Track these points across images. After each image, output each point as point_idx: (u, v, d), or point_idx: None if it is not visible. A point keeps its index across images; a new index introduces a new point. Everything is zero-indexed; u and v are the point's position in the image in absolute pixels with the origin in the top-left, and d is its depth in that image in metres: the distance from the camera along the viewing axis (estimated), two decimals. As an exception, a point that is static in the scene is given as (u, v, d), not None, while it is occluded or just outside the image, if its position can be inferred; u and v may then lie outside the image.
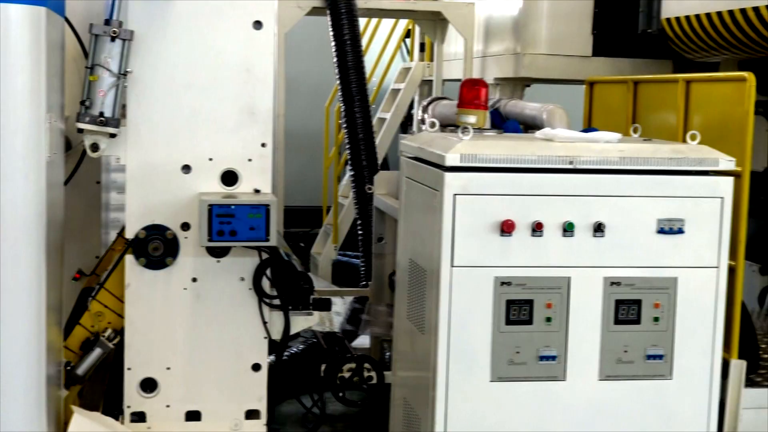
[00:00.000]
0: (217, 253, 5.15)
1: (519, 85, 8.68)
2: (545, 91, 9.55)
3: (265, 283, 5.20)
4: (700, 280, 4.67)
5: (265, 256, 5.16)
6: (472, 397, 4.56)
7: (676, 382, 4.69)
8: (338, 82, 8.38)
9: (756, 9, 6.15)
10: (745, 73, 5.17)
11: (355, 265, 9.09)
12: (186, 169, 5.10)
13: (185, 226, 5.13)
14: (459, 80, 8.20)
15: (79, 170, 5.62)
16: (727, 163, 4.69)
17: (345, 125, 8.36)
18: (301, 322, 5.34)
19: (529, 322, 4.56)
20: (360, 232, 8.30)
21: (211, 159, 5.12)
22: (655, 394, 4.69)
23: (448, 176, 4.46)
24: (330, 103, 11.46)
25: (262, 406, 5.31)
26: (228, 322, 5.22)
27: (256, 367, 5.28)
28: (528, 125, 6.55)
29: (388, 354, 6.88)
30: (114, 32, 4.84)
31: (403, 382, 5.33)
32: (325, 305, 5.43)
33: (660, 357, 4.66)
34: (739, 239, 5.03)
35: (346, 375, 6.34)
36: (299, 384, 6.42)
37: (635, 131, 5.38)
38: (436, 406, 4.54)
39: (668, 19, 7.26)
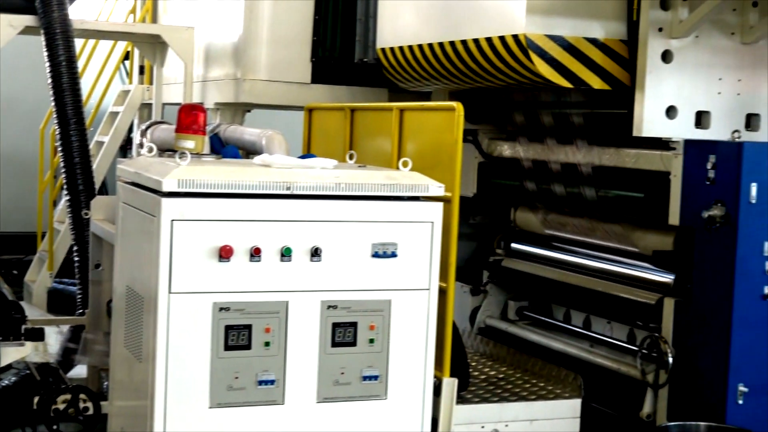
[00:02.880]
0: None
1: (239, 110, 8.71)
2: (266, 117, 9.64)
3: (-27, 314, 4.98)
4: (412, 302, 4.82)
5: (-28, 285, 4.95)
6: (191, 425, 4.50)
7: (391, 402, 4.81)
8: (53, 104, 8.17)
9: (464, 42, 6.43)
10: (454, 103, 5.36)
11: (72, 293, 8.84)
12: None
13: None
14: (179, 104, 8.15)
15: None
16: (436, 189, 4.88)
17: (61, 148, 8.16)
18: (12, 353, 5.17)
19: (248, 347, 4.56)
20: (77, 258, 8.09)
21: None
22: (372, 415, 4.79)
23: (166, 202, 4.42)
24: (45, 126, 11.11)
25: (-31, 443, 5.08)
26: (-68, 356, 4.96)
27: (-37, 402, 5.04)
28: (248, 151, 6.60)
29: (106, 384, 6.72)
30: None
31: (121, 412, 5.22)
32: (38, 335, 5.27)
33: (375, 378, 4.78)
34: (450, 262, 5.21)
35: (61, 407, 6.15)
36: (11, 417, 6.18)
37: (351, 157, 5.50)
38: (154, 435, 4.47)
39: (383, 49, 7.48)
